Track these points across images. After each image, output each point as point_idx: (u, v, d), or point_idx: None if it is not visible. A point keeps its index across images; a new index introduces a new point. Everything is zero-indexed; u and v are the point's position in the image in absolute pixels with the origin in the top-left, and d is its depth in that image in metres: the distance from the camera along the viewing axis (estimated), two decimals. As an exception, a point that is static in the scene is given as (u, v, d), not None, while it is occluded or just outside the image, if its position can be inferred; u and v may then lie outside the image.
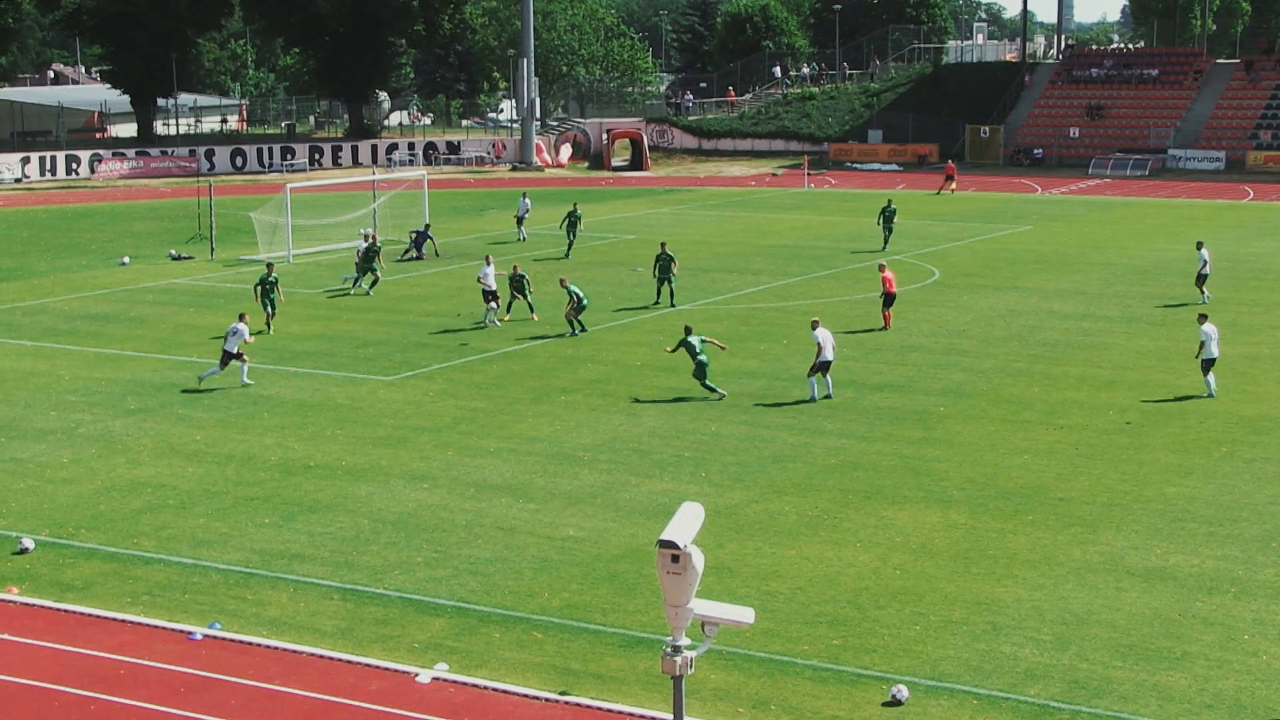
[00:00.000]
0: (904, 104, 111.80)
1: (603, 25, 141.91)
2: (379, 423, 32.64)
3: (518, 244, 61.50)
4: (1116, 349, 39.92)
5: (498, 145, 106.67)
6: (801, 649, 20.35)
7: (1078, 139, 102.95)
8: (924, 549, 24.28)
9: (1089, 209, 76.61)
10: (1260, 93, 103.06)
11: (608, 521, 25.83)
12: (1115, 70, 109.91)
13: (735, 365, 37.98)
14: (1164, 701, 18.67)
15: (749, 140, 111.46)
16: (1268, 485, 27.59)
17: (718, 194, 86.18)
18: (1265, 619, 21.23)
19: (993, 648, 20.32)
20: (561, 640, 20.73)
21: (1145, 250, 59.11)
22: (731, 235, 65.27)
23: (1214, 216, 72.12)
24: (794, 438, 31.14)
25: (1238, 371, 37.06)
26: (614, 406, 33.90)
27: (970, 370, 37.45)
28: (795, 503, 26.75)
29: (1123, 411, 33.13)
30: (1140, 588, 22.47)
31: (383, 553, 24.31)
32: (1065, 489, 27.46)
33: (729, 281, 51.38)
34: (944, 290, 49.64)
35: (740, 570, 23.28)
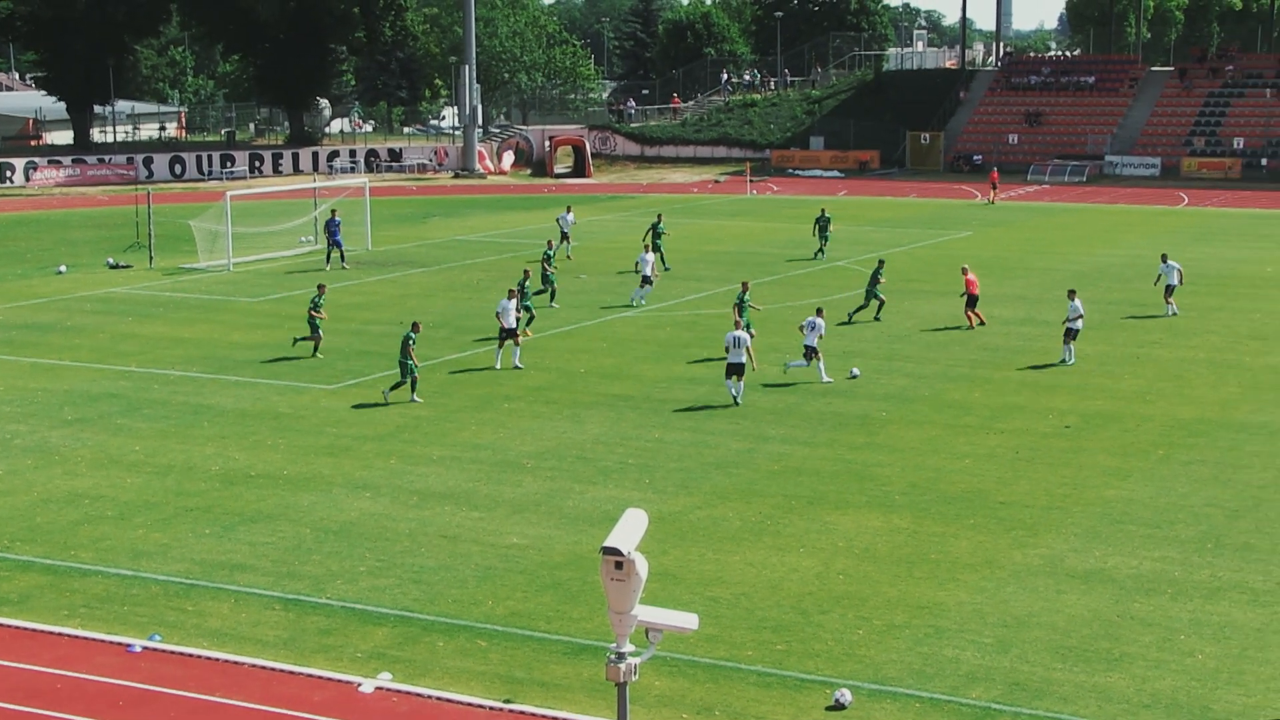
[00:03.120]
0: (845, 111, 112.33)
1: (545, 32, 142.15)
2: (321, 431, 32.49)
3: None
4: (1056, 353, 40.20)
5: (440, 152, 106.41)
6: (745, 654, 20.40)
7: (1017, 145, 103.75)
8: (867, 554, 24.40)
9: (1029, 215, 77.19)
10: (1194, 100, 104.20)
11: (552, 529, 25.81)
12: (1053, 77, 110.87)
13: (679, 372, 38.06)
14: (1103, 702, 18.84)
15: (691, 147, 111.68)
16: (1204, 487, 27.90)
17: (661, 201, 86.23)
18: (1201, 619, 21.46)
19: (935, 651, 20.44)
20: (505, 648, 20.70)
21: (1084, 255, 59.60)
22: (674, 242, 65.26)
23: (1150, 222, 72.84)
24: (738, 444, 31.22)
25: (1173, 375, 37.45)
26: (558, 413, 33.89)
27: (912, 375, 37.66)
28: (739, 508, 26.82)
29: (1062, 415, 33.41)
30: (1080, 590, 22.66)
31: (325, 562, 24.19)
32: (1006, 493, 27.66)
33: (672, 288, 51.43)
34: (886, 296, 49.78)
35: (684, 576, 23.32)
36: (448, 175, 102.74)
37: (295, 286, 52.69)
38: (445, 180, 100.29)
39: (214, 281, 54.41)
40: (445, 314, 46.89)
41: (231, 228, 57.42)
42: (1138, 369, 38.28)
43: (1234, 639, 20.75)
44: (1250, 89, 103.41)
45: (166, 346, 41.87)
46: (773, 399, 34.80)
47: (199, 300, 50.24)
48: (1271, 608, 21.87)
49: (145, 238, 60.34)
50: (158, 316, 46.87)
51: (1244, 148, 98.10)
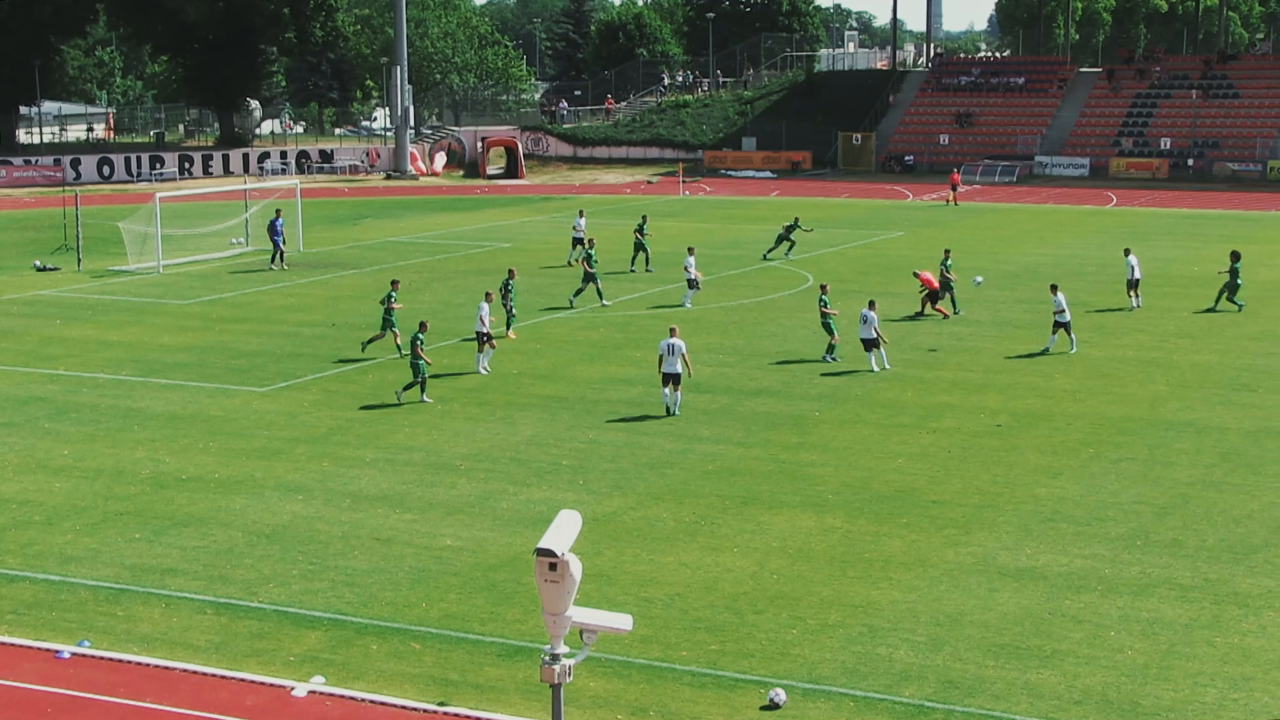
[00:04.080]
0: (777, 111, 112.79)
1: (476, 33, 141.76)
2: (253, 434, 32.25)
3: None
4: (987, 353, 40.54)
5: (372, 154, 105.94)
6: (680, 655, 20.41)
7: (948, 146, 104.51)
8: (801, 553, 24.48)
9: (960, 215, 77.72)
10: (1122, 101, 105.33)
11: (485, 531, 25.74)
12: (983, 78, 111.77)
13: (612, 372, 38.05)
14: (1035, 699, 18.99)
15: (624, 148, 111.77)
16: (1133, 485, 28.17)
17: (594, 202, 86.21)
18: (1130, 615, 21.67)
19: (868, 650, 20.53)
20: (440, 650, 20.62)
21: (1015, 255, 60.08)
22: (607, 243, 65.28)
23: (1080, 222, 73.54)
24: (671, 444, 31.25)
25: (1103, 374, 37.81)
26: (491, 415, 33.80)
27: (845, 375, 37.82)
28: (673, 509, 26.84)
29: (994, 414, 33.65)
30: (1011, 587, 22.83)
31: (257, 566, 24.01)
32: (938, 491, 27.83)
33: (606, 289, 51.40)
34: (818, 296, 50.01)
35: (618, 577, 23.31)
36: (380, 177, 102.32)
37: (227, 289, 52.32)
38: (377, 182, 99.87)
39: (143, 284, 53.91)
40: (377, 316, 46.50)
41: (161, 230, 56.92)
42: (1068, 368, 38.62)
43: (1162, 635, 20.96)
44: (1176, 90, 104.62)
45: (95, 349, 41.44)
46: (706, 400, 34.86)
47: (128, 303, 49.76)
48: (1199, 604, 22.12)
49: (73, 240, 59.69)
50: (86, 319, 46.38)
51: (1171, 148, 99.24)
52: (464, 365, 38.98)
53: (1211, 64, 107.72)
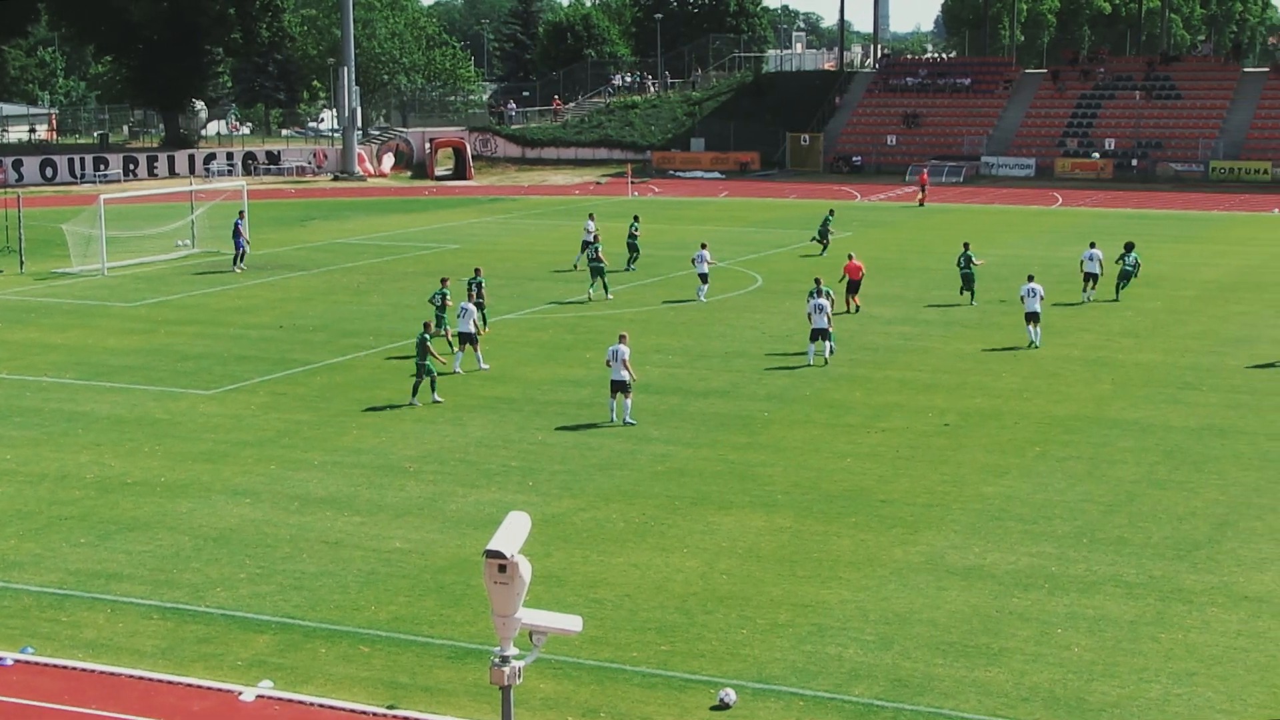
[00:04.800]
0: (725, 112, 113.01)
1: (424, 34, 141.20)
2: (199, 437, 32.03)
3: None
4: (935, 353, 40.73)
5: (319, 155, 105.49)
6: (630, 656, 20.41)
7: (895, 146, 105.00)
8: (750, 553, 24.52)
9: (908, 215, 78.08)
10: (1066, 102, 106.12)
11: (435, 533, 25.66)
12: (930, 79, 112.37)
13: (561, 374, 38.02)
14: (983, 696, 19.09)
15: (573, 149, 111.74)
16: (1079, 483, 28.37)
17: (542, 203, 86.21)
18: (1077, 613, 21.82)
19: (818, 649, 20.58)
20: (389, 653, 20.54)
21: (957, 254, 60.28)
22: (557, 244, 65.33)
23: (1026, 222, 74.00)
24: (621, 445, 31.25)
25: (1050, 373, 38.06)
26: (440, 417, 33.70)
27: (794, 375, 37.92)
28: (623, 510, 26.84)
29: (941, 414, 33.81)
30: (960, 586, 22.94)
31: (204, 570, 23.85)
32: (887, 491, 27.93)
33: (555, 290, 51.40)
34: (767, 296, 50.23)
35: (568, 579, 23.28)
36: (327, 178, 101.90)
37: (173, 291, 51.96)
38: (324, 183, 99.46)
39: (87, 286, 53.48)
40: (325, 318, 46.47)
41: (105, 232, 56.46)
42: (1015, 367, 38.86)
43: (1108, 632, 21.12)
44: (1120, 91, 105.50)
45: (38, 353, 41.06)
46: (655, 401, 34.87)
47: (72, 305, 49.34)
48: (1144, 600, 22.30)
49: (15, 242, 59.13)
50: (29, 322, 45.95)
51: (1115, 148, 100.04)
52: (413, 367, 38.79)
53: (1154, 65, 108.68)
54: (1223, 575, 23.35)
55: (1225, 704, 18.82)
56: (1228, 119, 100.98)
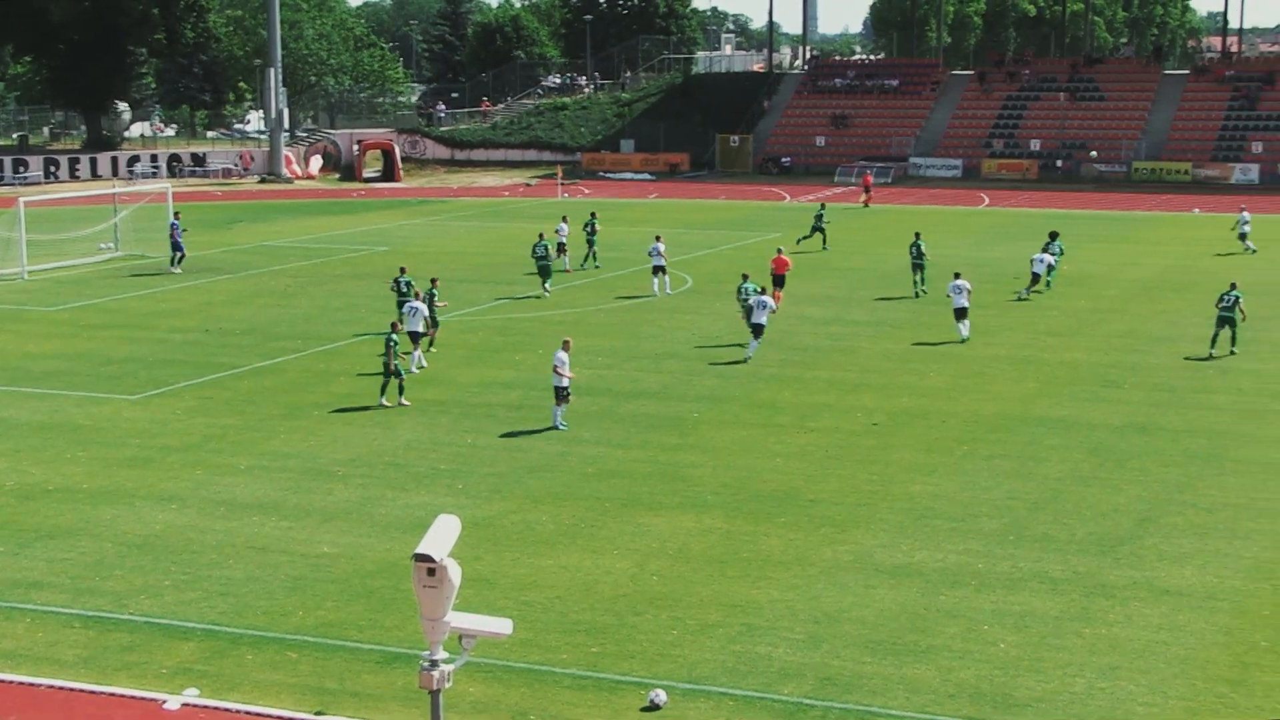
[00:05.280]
0: (655, 113, 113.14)
1: (352, 35, 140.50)
2: (124, 443, 31.69)
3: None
4: (864, 352, 40.94)
5: (245, 157, 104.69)
6: (561, 658, 20.38)
7: (824, 147, 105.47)
8: (680, 554, 24.54)
9: (835, 215, 78.35)
10: (993, 103, 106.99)
11: (363, 537, 25.52)
12: (858, 80, 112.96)
13: (491, 376, 37.92)
14: (911, 694, 19.20)
15: (502, 150, 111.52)
16: (1005, 481, 28.60)
17: (472, 205, 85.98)
18: (1003, 609, 22.00)
19: (748, 649, 20.63)
20: (316, 659, 20.40)
21: (890, 255, 60.70)
22: (487, 246, 65.20)
23: (953, 222, 74.50)
24: (551, 447, 31.20)
25: (976, 372, 38.35)
26: (369, 420, 33.53)
27: (724, 376, 38.01)
28: (553, 512, 26.80)
29: (870, 413, 33.98)
30: (888, 584, 23.07)
31: (128, 577, 23.58)
32: (816, 490, 28.04)
33: (485, 292, 51.27)
34: (698, 297, 50.32)
35: (498, 581, 23.22)
36: (254, 180, 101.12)
37: (96, 294, 51.39)
38: (251, 185, 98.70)
39: (7, 290, 52.78)
40: (252, 321, 46.12)
41: (26, 235, 55.73)
42: (942, 366, 39.12)
43: (1034, 628, 21.30)
44: (1045, 93, 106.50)
45: (-40, 358, 40.51)
46: (586, 402, 34.83)
47: (-6, 310, 48.69)
48: (1068, 596, 22.51)
49: (-65, 246, 58.32)
50: (-50, 327, 45.32)
51: (1040, 149, 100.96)
52: (342, 369, 38.65)
53: (1078, 67, 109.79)
54: (1145, 570, 23.62)
55: (1147, 697, 19.03)
56: (1150, 120, 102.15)
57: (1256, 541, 25.00)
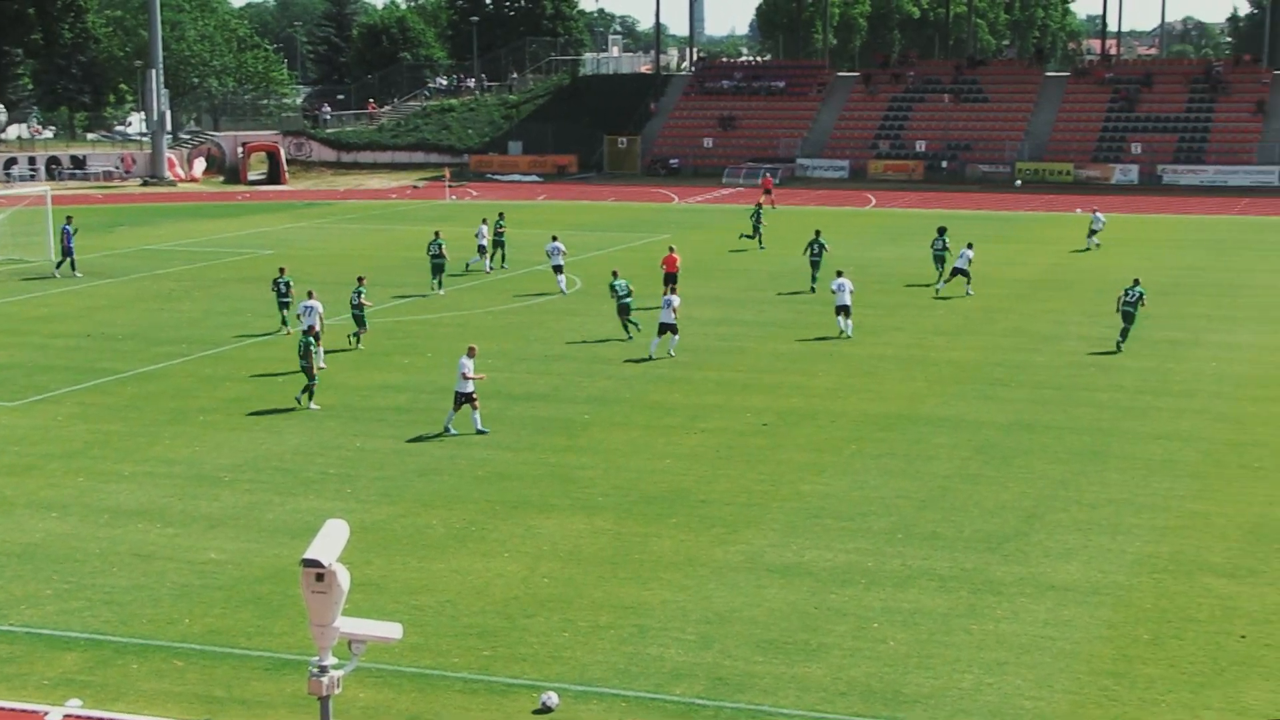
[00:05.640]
0: (543, 115, 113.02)
1: (235, 36, 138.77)
2: (3, 450, 31.06)
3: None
4: (753, 353, 41.16)
5: (127, 159, 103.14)
6: (452, 661, 20.28)
7: (712, 149, 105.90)
8: (572, 556, 24.52)
9: (725, 217, 78.78)
10: (878, 104, 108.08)
11: (251, 543, 25.23)
12: (745, 82, 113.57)
13: (380, 379, 37.66)
14: (802, 692, 19.32)
15: (389, 152, 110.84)
16: (894, 479, 28.88)
17: (359, 207, 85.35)
18: (893, 607, 22.21)
19: (639, 650, 20.66)
20: (204, 667, 20.13)
21: (777, 256, 61.11)
22: (374, 248, 64.77)
23: (841, 223, 75.10)
24: (441, 450, 31.05)
25: (865, 371, 38.69)
26: (256, 425, 33.16)
27: (614, 377, 38.04)
28: (443, 515, 26.67)
29: (759, 414, 34.16)
30: (779, 584, 23.20)
31: (7, 587, 23.12)
32: (707, 491, 28.14)
33: (372, 294, 50.81)
34: (587, 299, 50.30)
35: (388, 586, 23.06)
36: (136, 183, 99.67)
37: (-27, 299, 50.36)
38: (133, 188, 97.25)
39: (-116, 296, 51.61)
40: (135, 326, 45.45)
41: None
42: (830, 366, 39.43)
43: (923, 625, 21.52)
44: (930, 94, 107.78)
45: None
46: (467, 406, 34.67)
47: None
48: (956, 593, 22.78)
49: None
50: None
51: (926, 150, 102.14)
52: (228, 374, 38.21)
53: (962, 69, 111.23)
54: (1031, 566, 23.96)
55: (1033, 691, 19.30)
56: (1032, 121, 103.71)
57: (1139, 536, 25.45)
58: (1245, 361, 39.93)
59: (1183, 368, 39.06)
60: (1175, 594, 22.72)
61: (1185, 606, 22.21)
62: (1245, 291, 51.65)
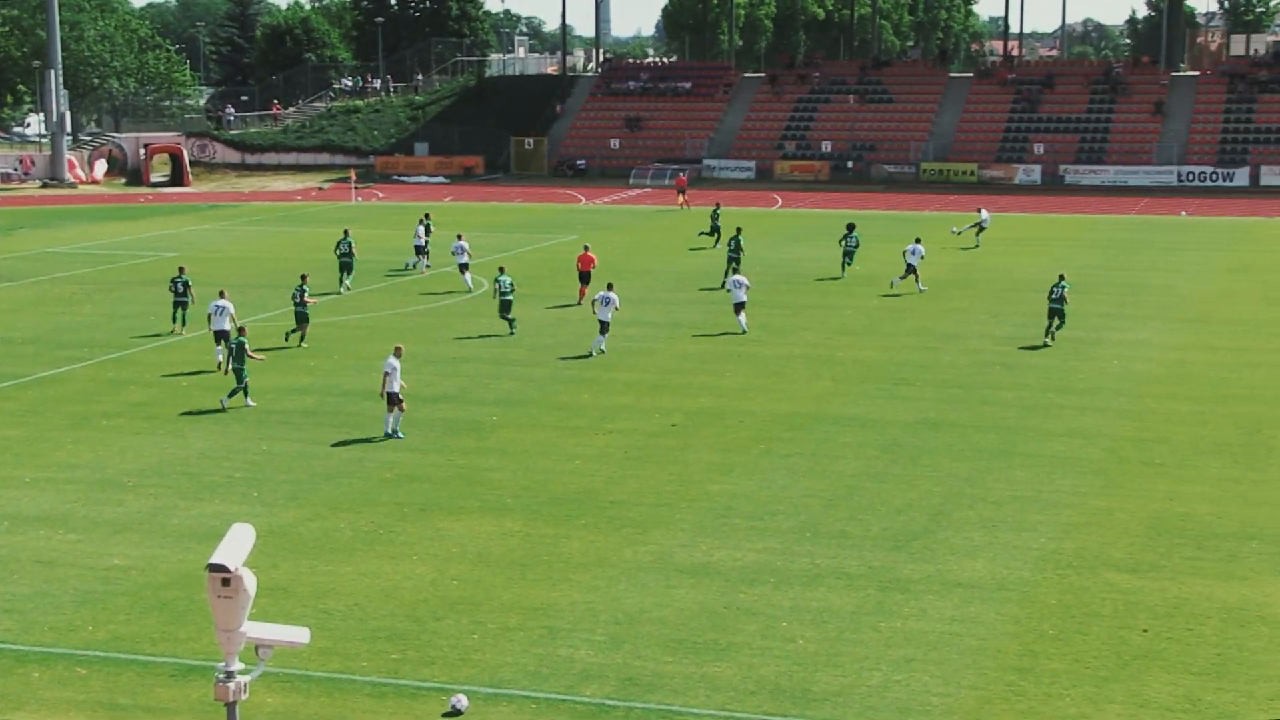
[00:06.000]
0: (449, 116, 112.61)
1: (136, 36, 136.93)
2: (-100, 457, 30.52)
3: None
4: (661, 354, 41.25)
5: (25, 161, 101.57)
6: (360, 665, 20.17)
7: (619, 150, 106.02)
8: (481, 558, 24.46)
9: (631, 218, 78.93)
10: (784, 105, 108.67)
11: (156, 548, 24.93)
12: (651, 83, 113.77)
13: (287, 382, 37.35)
14: (712, 692, 19.39)
15: (294, 154, 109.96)
16: (801, 479, 29.05)
17: (264, 209, 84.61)
18: (801, 606, 22.34)
19: (549, 651, 20.64)
20: (108, 674, 19.87)
21: (684, 257, 61.30)
22: (280, 250, 64.23)
23: (748, 224, 75.21)
24: (348, 453, 30.85)
25: (773, 371, 38.89)
26: (160, 429, 32.77)
27: (522, 379, 37.97)
28: (351, 519, 26.50)
29: (668, 414, 34.24)
30: (689, 584, 23.26)
31: (-93, 596, 22.72)
32: (616, 492, 28.16)
33: (279, 297, 50.45)
34: (494, 300, 50.11)
35: (296, 590, 22.89)
36: (35, 184, 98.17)
37: None
38: (33, 190, 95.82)
39: None
40: (36, 330, 44.77)
41: None
42: (738, 366, 39.59)
43: (831, 623, 21.67)
44: (835, 95, 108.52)
45: None
46: (381, 408, 34.49)
47: None
48: (864, 591, 22.95)
49: None
50: None
51: (831, 151, 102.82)
52: (131, 378, 37.74)
53: (867, 70, 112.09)
54: (938, 564, 24.19)
55: (940, 688, 19.50)
56: (936, 122, 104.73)
57: (1043, 533, 25.78)
58: (1147, 360, 40.57)
59: (1086, 366, 39.61)
60: (1079, 589, 23.03)
61: (1089, 602, 22.52)
62: (1146, 290, 52.47)
